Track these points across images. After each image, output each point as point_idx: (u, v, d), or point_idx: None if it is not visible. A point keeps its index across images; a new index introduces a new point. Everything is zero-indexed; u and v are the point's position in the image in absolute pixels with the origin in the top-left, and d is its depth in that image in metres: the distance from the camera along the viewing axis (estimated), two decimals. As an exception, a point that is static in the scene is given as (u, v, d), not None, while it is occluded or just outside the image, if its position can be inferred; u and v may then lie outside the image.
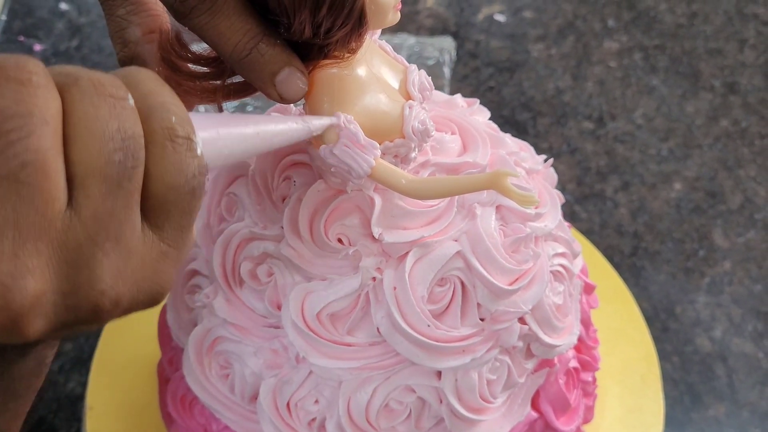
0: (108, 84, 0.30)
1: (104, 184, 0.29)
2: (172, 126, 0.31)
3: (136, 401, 0.62)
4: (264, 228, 0.47)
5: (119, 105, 0.30)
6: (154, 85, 0.32)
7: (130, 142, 0.30)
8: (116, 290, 0.31)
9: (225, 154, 0.35)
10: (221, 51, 0.39)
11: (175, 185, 0.31)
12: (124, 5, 0.42)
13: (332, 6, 0.37)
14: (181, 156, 0.31)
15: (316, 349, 0.46)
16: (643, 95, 0.92)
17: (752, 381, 0.70)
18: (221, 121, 0.36)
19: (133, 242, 0.31)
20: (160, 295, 0.33)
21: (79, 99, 0.29)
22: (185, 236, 0.33)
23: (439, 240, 0.46)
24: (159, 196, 0.31)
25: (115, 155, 0.29)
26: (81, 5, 1.00)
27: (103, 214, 0.30)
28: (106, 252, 0.30)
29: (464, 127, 0.49)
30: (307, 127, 0.40)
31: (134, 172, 0.30)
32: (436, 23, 0.99)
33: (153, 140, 0.31)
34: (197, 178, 0.32)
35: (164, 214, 0.32)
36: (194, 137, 0.32)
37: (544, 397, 0.52)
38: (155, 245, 0.32)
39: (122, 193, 0.30)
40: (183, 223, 0.32)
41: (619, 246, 0.79)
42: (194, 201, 0.32)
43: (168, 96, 0.32)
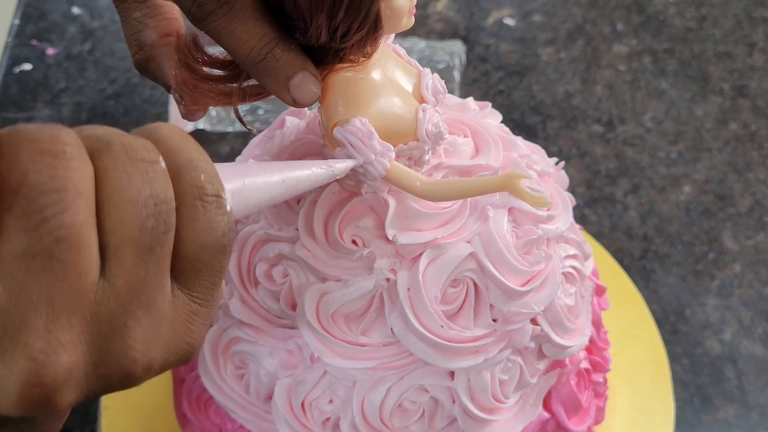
0: (140, 148, 0.30)
1: (137, 252, 0.29)
2: (201, 185, 0.31)
3: (151, 401, 0.62)
4: (279, 230, 0.47)
5: (151, 169, 0.30)
6: (180, 141, 0.32)
7: (163, 206, 0.30)
8: (148, 356, 0.30)
9: (251, 205, 0.35)
10: (237, 55, 0.39)
11: (207, 245, 0.31)
12: (139, 8, 0.43)
13: (349, 10, 0.37)
14: (212, 215, 0.31)
15: (330, 349, 0.46)
16: (652, 98, 0.93)
17: (762, 383, 0.71)
18: (247, 170, 0.36)
19: (164, 307, 0.31)
20: (191, 354, 0.33)
21: (113, 167, 0.29)
22: (215, 293, 0.33)
23: (452, 242, 0.46)
24: (190, 257, 0.31)
25: (148, 222, 0.29)
26: (93, 9, 1.01)
27: (136, 282, 0.29)
28: (138, 320, 0.30)
29: (477, 130, 0.50)
30: (331, 171, 0.40)
31: (166, 237, 0.30)
32: (446, 27, 1.00)
33: (184, 201, 0.31)
34: (227, 235, 0.32)
35: (195, 274, 0.32)
36: (223, 194, 0.32)
37: (556, 398, 0.52)
38: (185, 306, 0.32)
39: (154, 260, 0.30)
40: (213, 280, 0.32)
41: (629, 249, 0.79)
42: (224, 258, 0.32)
43: (195, 152, 0.32)
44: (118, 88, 0.92)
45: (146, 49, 0.43)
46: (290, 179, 0.37)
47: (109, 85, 0.93)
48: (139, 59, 0.43)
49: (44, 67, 0.94)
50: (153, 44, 0.43)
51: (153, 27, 0.43)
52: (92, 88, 0.92)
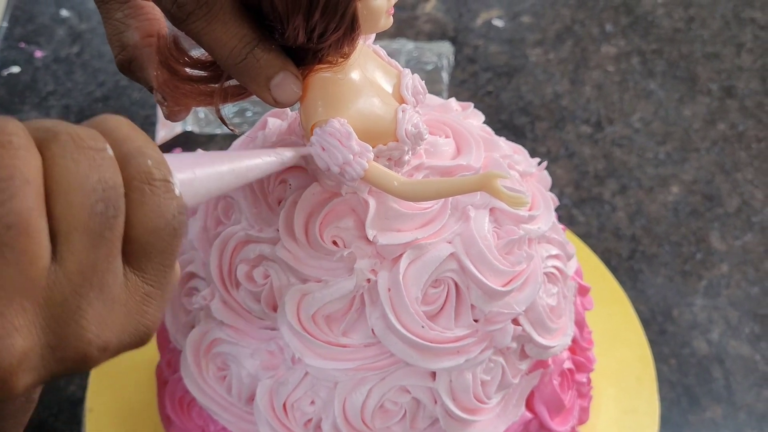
0: (86, 137, 0.31)
1: (87, 236, 0.30)
2: (149, 170, 0.32)
3: (136, 403, 0.62)
4: (260, 231, 0.47)
5: (99, 156, 0.30)
6: (128, 131, 0.32)
7: (111, 192, 0.30)
8: (103, 338, 0.31)
9: (202, 193, 0.36)
10: (217, 56, 0.39)
11: (156, 228, 0.32)
12: (121, 9, 0.43)
13: (325, 11, 0.37)
14: (160, 198, 0.32)
15: (311, 350, 0.46)
16: (640, 99, 0.93)
17: (749, 383, 0.71)
18: (197, 160, 0.36)
19: (117, 289, 0.31)
20: (147, 335, 0.33)
21: (60, 154, 0.30)
22: (168, 275, 0.33)
23: (433, 242, 0.46)
24: (140, 240, 0.32)
25: (97, 207, 0.30)
26: (82, 12, 1.01)
27: (87, 266, 0.30)
28: (91, 302, 0.30)
29: (458, 130, 0.50)
30: (281, 158, 0.41)
31: (115, 221, 0.30)
32: (435, 28, 1.00)
33: (132, 186, 0.31)
34: (177, 218, 0.32)
35: (146, 256, 0.32)
36: (171, 178, 0.32)
37: (539, 398, 0.52)
38: (138, 288, 0.32)
39: (105, 243, 0.30)
40: (165, 263, 0.33)
41: (616, 249, 0.79)
42: (175, 240, 0.33)
43: (142, 140, 0.32)
44: (107, 90, 0.92)
45: (128, 49, 0.43)
46: (239, 168, 0.38)
47: (97, 87, 0.93)
48: (122, 60, 0.43)
49: (32, 70, 0.94)
50: (135, 45, 0.43)
51: (135, 27, 0.43)
52: (80, 91, 0.92)
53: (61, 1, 1.02)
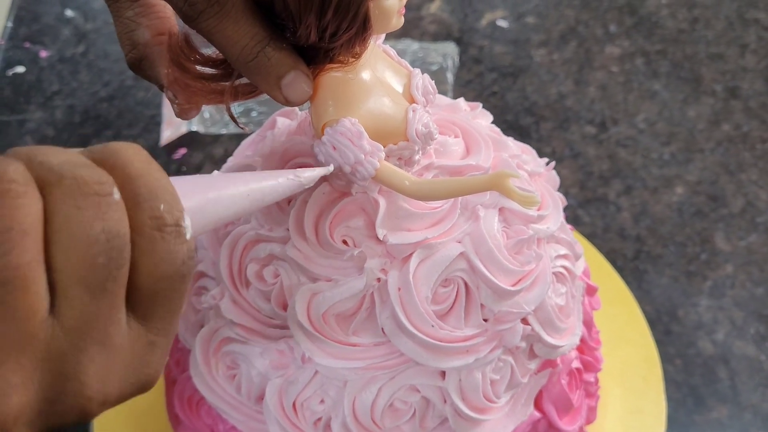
0: (92, 181, 0.29)
1: (87, 290, 0.28)
2: (160, 215, 0.30)
3: (143, 402, 0.62)
4: (270, 230, 0.47)
5: (104, 203, 0.29)
6: (141, 165, 0.31)
7: (116, 241, 0.29)
8: (103, 393, 0.30)
9: (214, 220, 0.35)
10: (228, 54, 0.39)
11: (165, 276, 0.30)
12: (132, 7, 0.42)
13: (337, 10, 0.37)
14: (170, 245, 0.30)
15: (321, 349, 0.46)
16: (645, 100, 0.93)
17: (754, 383, 0.71)
18: (211, 184, 0.35)
19: (119, 340, 0.30)
20: (149, 384, 0.32)
21: (62, 201, 0.28)
22: (174, 321, 0.32)
23: (443, 241, 0.46)
24: (147, 288, 0.30)
25: (99, 259, 0.28)
26: (87, 12, 1.01)
27: (87, 320, 0.29)
28: (92, 357, 0.29)
29: (467, 130, 0.50)
30: (298, 180, 0.40)
31: (119, 272, 0.29)
32: (440, 29, 1.00)
33: (141, 232, 0.30)
34: (186, 264, 0.31)
35: (152, 305, 0.31)
36: (183, 222, 0.31)
37: (547, 398, 0.52)
38: (142, 337, 0.31)
39: (106, 296, 0.29)
40: (172, 309, 0.32)
41: (621, 250, 0.79)
42: (183, 287, 0.31)
43: (155, 178, 0.31)
44: (112, 90, 0.92)
45: (139, 48, 0.43)
46: (255, 192, 0.37)
47: (102, 87, 0.93)
48: (132, 58, 0.43)
49: (37, 70, 0.94)
50: (146, 43, 0.43)
51: (146, 26, 0.43)
52: (85, 91, 0.92)
53: (66, 1, 1.02)
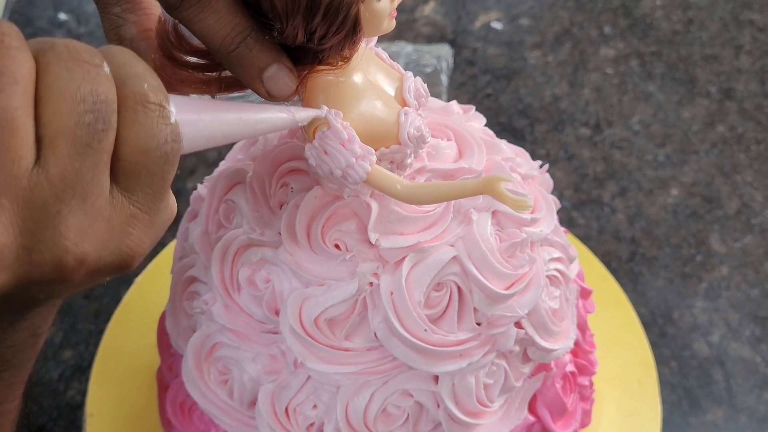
0: (83, 51, 0.31)
1: (73, 144, 0.30)
2: (144, 92, 0.32)
3: (136, 408, 0.62)
4: (262, 234, 0.47)
5: (94, 71, 0.31)
6: (130, 58, 0.33)
7: (102, 105, 0.31)
8: (81, 248, 0.31)
9: (206, 136, 0.36)
10: (210, 44, 0.39)
11: (146, 149, 0.32)
12: (119, 3, 0.43)
13: (326, 13, 0.37)
14: (153, 121, 0.32)
15: (313, 354, 0.46)
16: (639, 101, 0.93)
17: (750, 385, 0.70)
18: (204, 104, 0.37)
19: (101, 203, 0.32)
20: (130, 257, 0.33)
21: (54, 62, 0.30)
22: (157, 201, 0.34)
23: (436, 245, 0.46)
24: (130, 159, 0.32)
25: (86, 117, 0.30)
26: (80, 15, 1.00)
27: (71, 173, 0.30)
28: (72, 210, 0.31)
29: (460, 133, 0.50)
30: (292, 116, 0.40)
31: (104, 134, 0.31)
32: (434, 31, 1.00)
33: (125, 105, 0.32)
34: (170, 144, 0.33)
35: (135, 177, 0.32)
36: (167, 105, 0.33)
37: (541, 401, 0.52)
38: (124, 207, 0.33)
39: (91, 154, 0.31)
40: (155, 187, 0.33)
41: (616, 252, 0.79)
42: (166, 166, 0.33)
43: (142, 68, 0.33)
44: (105, 93, 0.92)
45: (126, 43, 0.43)
46: (248, 118, 0.38)
47: (95, 90, 0.92)
48: None
49: (30, 73, 0.94)
50: (132, 38, 0.43)
51: (132, 22, 0.43)
52: (79, 94, 0.92)
53: (59, 5, 1.01)
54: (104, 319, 0.71)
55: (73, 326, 0.72)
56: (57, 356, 0.70)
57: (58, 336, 0.72)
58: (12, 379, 0.38)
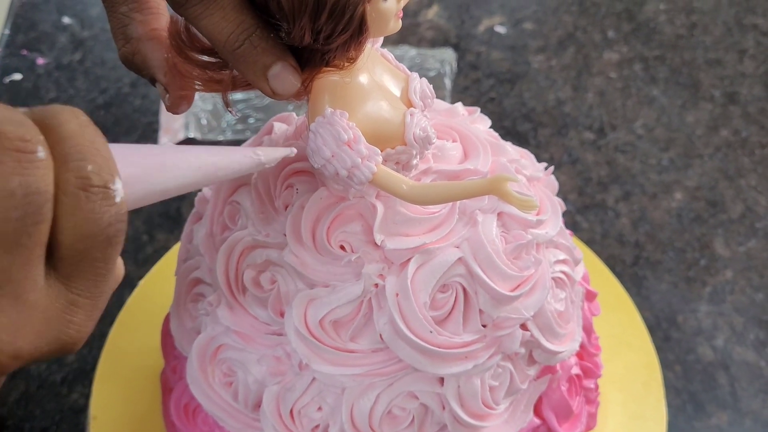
0: (14, 137, 0.29)
1: (0, 244, 0.28)
2: (86, 175, 0.30)
3: (140, 410, 0.62)
4: (267, 236, 0.47)
5: (25, 159, 0.29)
6: (76, 126, 0.31)
7: (33, 198, 0.29)
8: (14, 345, 0.30)
9: (159, 189, 0.35)
10: (215, 41, 0.39)
11: (88, 235, 0.30)
12: (126, 3, 0.43)
13: (332, 13, 0.37)
14: (95, 205, 0.30)
15: (319, 356, 0.46)
16: (643, 106, 0.93)
17: (755, 389, 0.70)
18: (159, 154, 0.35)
19: (34, 296, 0.30)
20: (71, 344, 0.32)
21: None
22: (100, 284, 0.32)
23: (441, 246, 0.46)
24: (69, 247, 0.30)
25: (13, 213, 0.28)
26: (84, 19, 1.00)
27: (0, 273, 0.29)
28: (3, 309, 0.29)
29: (465, 134, 0.50)
30: (259, 159, 0.39)
31: (35, 228, 0.29)
32: (437, 35, 1.00)
33: (65, 191, 0.30)
34: (114, 226, 0.31)
35: (74, 264, 0.31)
36: (112, 185, 0.31)
37: (547, 404, 0.52)
38: (62, 296, 0.31)
39: (20, 251, 0.29)
40: (97, 271, 0.31)
41: (620, 256, 0.79)
42: (110, 249, 0.31)
43: (89, 140, 0.31)
44: (109, 97, 0.92)
45: (132, 42, 0.43)
46: (207, 166, 0.37)
47: (99, 94, 0.92)
48: (125, 52, 0.43)
49: (34, 77, 0.94)
50: (139, 37, 0.43)
51: (139, 21, 0.43)
52: (82, 98, 0.92)
53: (63, 9, 1.02)
54: (107, 322, 0.71)
55: (76, 329, 0.72)
56: (60, 360, 0.70)
57: (61, 339, 0.72)
58: None
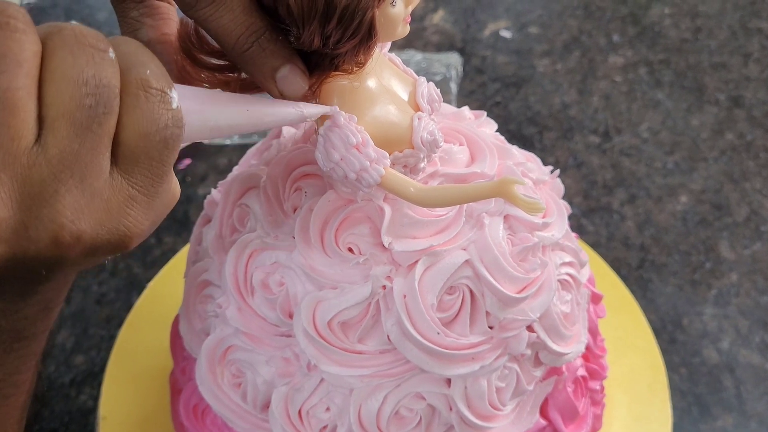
0: (90, 36, 0.32)
1: (73, 126, 0.31)
2: (146, 78, 0.33)
3: (149, 411, 0.62)
4: (275, 238, 0.47)
5: (98, 56, 0.32)
6: (136, 47, 0.34)
7: (104, 90, 0.32)
8: (77, 225, 0.32)
9: (211, 126, 0.37)
10: (224, 43, 0.40)
11: (146, 133, 0.33)
12: (137, 8, 0.43)
13: (342, 18, 0.38)
14: (154, 106, 0.33)
15: (327, 356, 0.46)
16: (648, 109, 0.93)
17: (760, 392, 0.71)
18: (212, 95, 0.38)
19: (99, 183, 0.33)
20: (127, 237, 0.34)
21: (60, 46, 0.31)
22: (157, 185, 0.35)
23: (448, 249, 0.46)
24: (130, 143, 0.33)
25: (87, 100, 0.31)
26: (91, 23, 1.01)
27: (69, 154, 0.31)
28: (69, 189, 0.32)
29: (472, 138, 0.50)
30: (301, 111, 0.41)
31: (105, 117, 0.32)
32: (443, 39, 1.00)
33: (128, 91, 0.33)
34: (170, 128, 0.34)
35: (134, 160, 0.33)
36: (169, 91, 0.34)
37: (553, 405, 0.52)
38: (123, 189, 0.33)
39: (91, 136, 0.32)
40: (154, 171, 0.34)
41: (626, 258, 0.79)
42: (166, 151, 0.34)
43: (147, 56, 0.34)
44: (117, 101, 0.93)
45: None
46: (255, 110, 0.39)
47: (107, 98, 0.93)
48: None
49: (43, 81, 0.95)
50: (149, 42, 0.43)
51: (150, 26, 0.43)
52: (90, 102, 0.92)
53: (71, 13, 1.02)
54: (116, 324, 0.72)
55: (84, 331, 0.73)
56: (69, 361, 0.71)
57: (69, 341, 0.72)
58: (24, 350, 0.39)
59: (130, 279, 0.77)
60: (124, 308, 0.72)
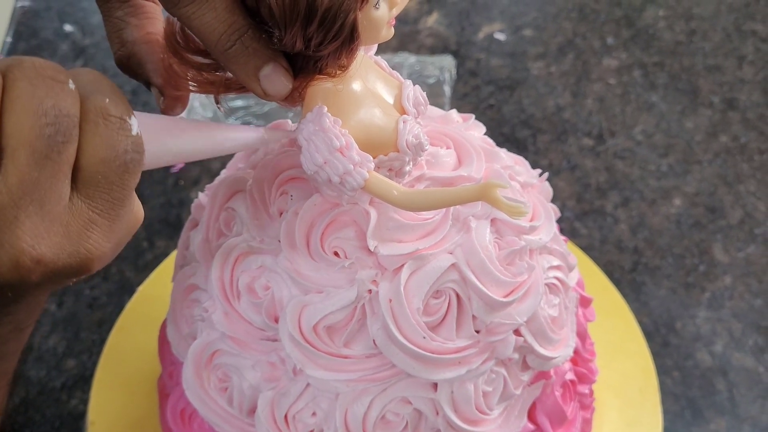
0: (49, 68, 0.33)
1: (33, 155, 0.32)
2: (105, 106, 0.35)
3: (137, 416, 0.62)
4: (261, 242, 0.47)
5: (57, 86, 0.33)
6: (96, 77, 0.36)
7: (64, 119, 0.33)
8: (37, 250, 0.33)
9: (173, 152, 0.38)
10: (207, 41, 0.40)
11: (105, 159, 0.35)
12: (122, 8, 0.44)
13: (323, 20, 0.37)
14: (112, 132, 0.35)
15: (313, 361, 0.46)
16: (642, 112, 0.93)
17: (753, 395, 0.70)
18: (173, 122, 0.39)
19: (58, 209, 0.34)
20: (88, 260, 0.35)
21: (20, 78, 0.33)
22: (117, 208, 0.36)
23: (434, 252, 0.46)
24: (90, 168, 0.34)
25: (47, 129, 0.32)
26: (85, 27, 1.01)
27: (29, 181, 0.33)
28: (29, 215, 0.33)
29: (459, 141, 0.50)
30: (261, 135, 0.42)
31: (64, 146, 0.33)
32: (437, 42, 1.00)
33: (87, 119, 0.34)
34: (130, 154, 0.35)
35: (94, 185, 0.35)
36: (128, 118, 0.35)
37: (541, 409, 0.52)
38: (83, 213, 0.35)
39: (50, 165, 0.33)
40: (114, 195, 0.35)
41: (619, 262, 0.79)
42: (126, 175, 0.36)
43: (107, 86, 0.36)
44: (110, 104, 0.92)
45: (127, 45, 0.44)
46: (217, 135, 0.40)
47: (100, 101, 0.93)
48: (120, 56, 0.44)
49: (36, 85, 0.95)
50: (134, 41, 0.44)
51: (134, 25, 0.44)
52: (84, 105, 0.92)
53: (65, 16, 1.02)
54: (107, 328, 0.71)
55: (76, 336, 0.73)
56: (60, 365, 0.71)
57: (61, 345, 0.72)
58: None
59: (122, 283, 0.77)
60: (116, 312, 0.72)
